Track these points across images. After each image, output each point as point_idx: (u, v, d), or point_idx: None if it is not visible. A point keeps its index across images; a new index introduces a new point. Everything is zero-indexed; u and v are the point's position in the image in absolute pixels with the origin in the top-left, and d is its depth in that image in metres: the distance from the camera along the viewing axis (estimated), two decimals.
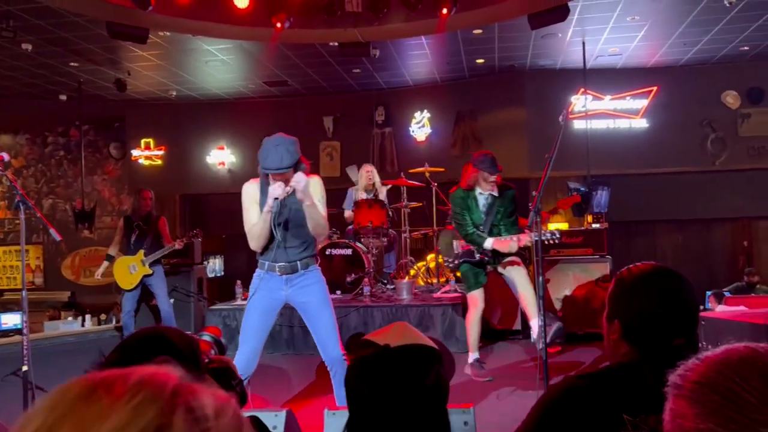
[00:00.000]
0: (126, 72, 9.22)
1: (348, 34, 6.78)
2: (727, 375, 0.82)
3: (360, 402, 1.32)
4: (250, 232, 3.47)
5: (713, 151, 9.77)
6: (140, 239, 6.42)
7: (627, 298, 1.50)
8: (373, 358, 1.33)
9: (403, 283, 6.17)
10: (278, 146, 3.30)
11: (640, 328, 1.46)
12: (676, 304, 1.46)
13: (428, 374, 1.31)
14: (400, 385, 1.29)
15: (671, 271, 1.53)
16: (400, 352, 1.32)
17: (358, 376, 1.32)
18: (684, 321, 1.45)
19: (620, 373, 1.43)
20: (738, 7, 7.37)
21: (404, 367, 1.31)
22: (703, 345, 3.40)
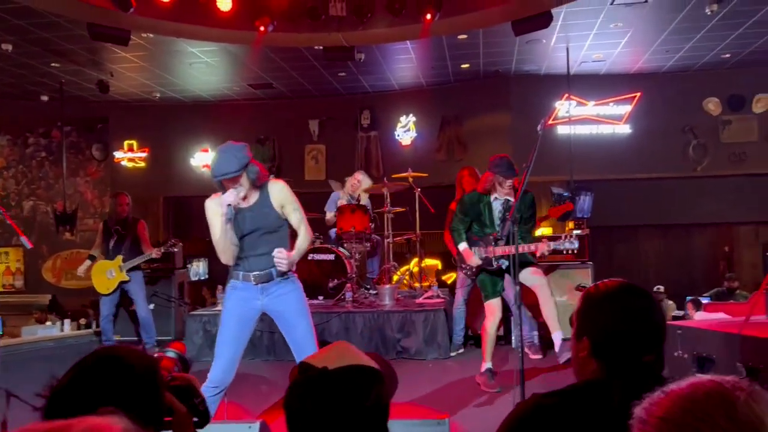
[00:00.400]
0: (109, 73, 9.13)
1: (332, 38, 6.78)
2: (693, 412, 0.81)
3: (299, 426, 1.31)
4: (217, 247, 3.42)
5: (695, 157, 9.86)
6: (118, 244, 6.35)
7: (595, 315, 1.50)
8: (311, 382, 1.31)
9: (386, 288, 6.16)
10: (224, 152, 3.29)
11: (609, 345, 1.46)
12: (644, 321, 1.46)
13: (368, 396, 1.30)
14: (338, 407, 1.28)
15: (639, 288, 1.53)
16: (339, 375, 1.31)
17: (296, 400, 1.31)
18: (651, 338, 1.45)
19: (588, 391, 1.43)
20: (718, 16, 7.45)
21: (342, 390, 1.30)
22: (680, 354, 3.43)
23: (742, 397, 0.82)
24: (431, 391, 4.58)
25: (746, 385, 0.86)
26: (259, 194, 3.43)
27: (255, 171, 3.38)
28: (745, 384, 0.86)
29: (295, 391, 1.33)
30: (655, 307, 1.50)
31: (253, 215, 3.40)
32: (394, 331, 5.73)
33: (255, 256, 3.42)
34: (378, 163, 10.70)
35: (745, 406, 0.81)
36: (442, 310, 5.87)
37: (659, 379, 1.40)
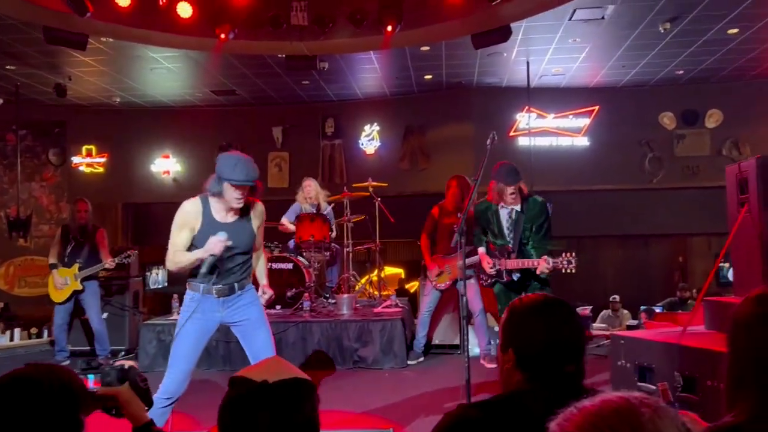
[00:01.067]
0: (67, 77, 8.96)
1: (294, 47, 6.77)
2: (601, 428, 0.84)
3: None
4: (173, 260, 3.34)
5: (651, 170, 10.13)
6: (76, 251, 6.20)
7: (519, 328, 1.55)
8: (252, 395, 1.32)
9: (344, 297, 6.15)
10: (243, 160, 3.22)
11: (532, 356, 1.50)
12: (565, 332, 1.52)
13: (308, 406, 1.33)
14: (280, 420, 1.29)
15: (560, 300, 1.59)
16: (280, 387, 1.33)
17: (234, 414, 1.31)
18: (572, 348, 1.50)
19: (512, 401, 1.46)
20: (671, 34, 7.70)
21: (284, 402, 1.32)
22: (623, 363, 3.51)
23: (647, 413, 0.87)
24: (386, 401, 4.59)
25: (653, 401, 0.91)
26: (241, 212, 3.38)
27: (257, 191, 3.36)
28: (651, 401, 0.91)
29: (234, 404, 1.33)
30: (574, 319, 1.55)
31: (233, 231, 3.32)
32: (351, 341, 5.73)
33: (223, 272, 3.36)
34: (342, 172, 10.71)
35: (649, 422, 0.86)
36: (399, 319, 5.88)
37: (580, 389, 1.44)
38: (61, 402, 1.31)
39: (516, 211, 4.46)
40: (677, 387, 2.78)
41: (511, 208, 4.47)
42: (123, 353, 6.61)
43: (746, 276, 3.28)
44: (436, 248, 5.85)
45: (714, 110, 9.99)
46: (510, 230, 4.47)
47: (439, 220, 5.88)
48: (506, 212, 4.50)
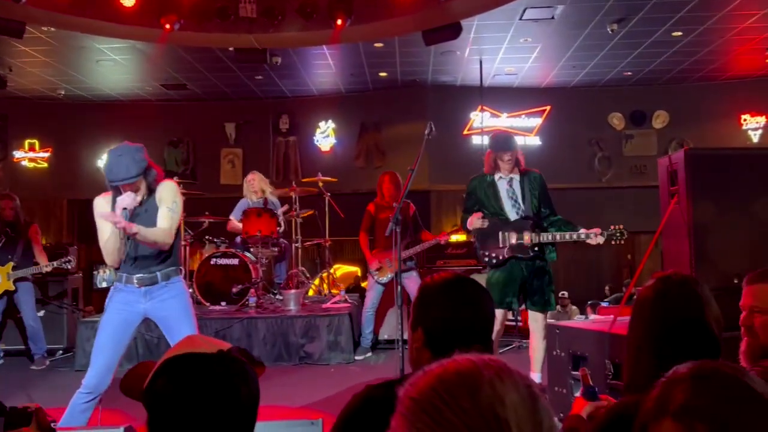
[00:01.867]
0: (7, 68, 8.64)
1: (243, 39, 6.65)
2: (440, 392, 0.77)
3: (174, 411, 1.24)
4: (105, 248, 3.27)
5: (600, 169, 10.33)
6: (8, 248, 5.94)
7: (428, 306, 1.53)
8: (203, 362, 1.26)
9: (291, 293, 6.08)
10: (121, 156, 3.17)
11: (439, 334, 1.48)
12: (471, 310, 1.51)
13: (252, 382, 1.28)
14: (225, 394, 1.24)
15: (469, 279, 1.58)
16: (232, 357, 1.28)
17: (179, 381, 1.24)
18: (478, 326, 1.49)
19: None
20: (620, 35, 7.86)
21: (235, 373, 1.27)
22: (558, 353, 3.55)
23: (488, 375, 0.79)
24: (328, 395, 4.55)
25: (498, 363, 0.82)
26: (151, 195, 3.32)
27: (153, 175, 3.29)
28: (496, 363, 0.82)
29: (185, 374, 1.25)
30: (484, 299, 1.54)
31: (143, 215, 3.29)
32: (297, 336, 5.66)
33: (139, 258, 3.29)
34: (297, 169, 10.61)
35: (488, 385, 0.77)
36: (346, 314, 5.84)
37: None
38: None
39: (516, 179, 4.21)
40: (608, 374, 2.82)
41: (510, 177, 4.20)
42: (61, 352, 6.38)
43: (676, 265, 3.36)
44: (375, 244, 5.97)
45: (660, 111, 10.25)
46: (514, 201, 4.15)
47: (375, 216, 6.03)
48: (505, 182, 4.20)
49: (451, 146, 9.82)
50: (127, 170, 3.13)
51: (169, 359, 1.31)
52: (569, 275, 11.23)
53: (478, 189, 4.28)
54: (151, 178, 3.27)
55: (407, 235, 5.77)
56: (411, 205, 6.16)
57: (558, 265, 11.18)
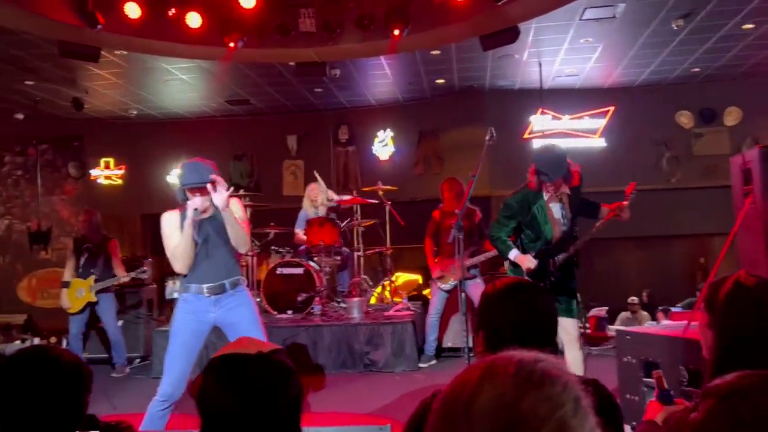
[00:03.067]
0: (84, 91, 9.13)
1: (303, 53, 6.81)
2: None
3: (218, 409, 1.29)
4: (174, 253, 3.44)
5: (668, 170, 9.98)
6: (90, 262, 6.28)
7: (487, 311, 1.56)
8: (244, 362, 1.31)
9: (354, 301, 6.14)
10: (197, 164, 3.40)
11: (496, 336, 1.53)
12: (526, 312, 1.54)
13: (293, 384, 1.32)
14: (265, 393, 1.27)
15: (528, 283, 1.59)
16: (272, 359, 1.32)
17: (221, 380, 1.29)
18: (535, 327, 1.50)
19: None
20: (686, 31, 7.59)
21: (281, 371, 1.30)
22: (629, 359, 3.44)
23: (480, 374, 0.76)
24: (394, 402, 4.57)
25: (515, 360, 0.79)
26: (214, 209, 3.47)
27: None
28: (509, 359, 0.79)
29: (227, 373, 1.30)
30: (539, 300, 1.55)
31: (209, 226, 3.44)
32: (362, 344, 5.71)
33: (208, 267, 3.42)
34: (356, 178, 10.73)
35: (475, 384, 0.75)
36: (410, 322, 5.85)
37: None
38: (75, 378, 1.40)
39: (568, 195, 3.96)
40: (683, 381, 2.72)
41: (561, 194, 3.93)
42: (138, 360, 6.67)
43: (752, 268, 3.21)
44: (440, 250, 5.92)
45: (732, 108, 9.81)
46: (565, 217, 3.91)
47: (440, 222, 6.01)
48: (557, 202, 3.92)
49: (511, 151, 9.70)
50: (201, 175, 3.33)
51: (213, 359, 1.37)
52: (638, 280, 10.88)
53: (522, 207, 3.95)
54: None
55: (472, 242, 5.74)
56: (477, 212, 6.11)
57: (626, 270, 10.92)
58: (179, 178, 3.45)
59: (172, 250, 3.44)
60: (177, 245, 3.40)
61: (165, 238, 3.49)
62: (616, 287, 10.48)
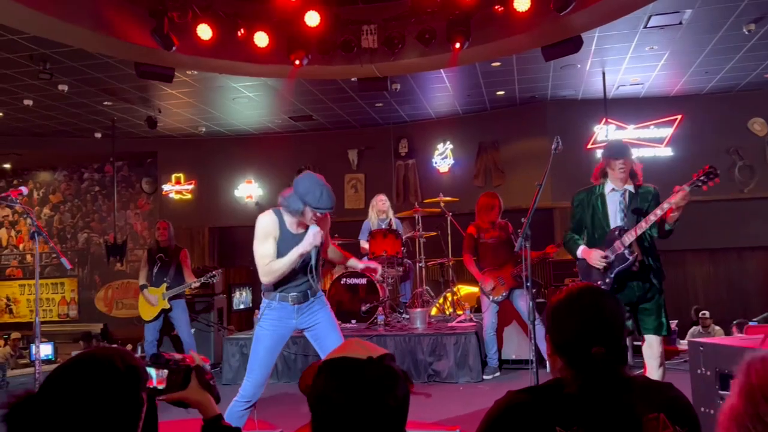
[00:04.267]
0: (157, 110, 9.59)
1: (365, 69, 6.96)
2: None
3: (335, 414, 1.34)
4: (269, 269, 3.46)
5: (741, 179, 9.60)
6: (162, 271, 6.59)
7: (554, 316, 1.61)
8: (362, 369, 1.35)
9: (417, 312, 6.19)
10: (325, 186, 3.39)
11: (563, 342, 1.56)
12: (593, 315, 1.55)
13: (401, 388, 1.35)
14: (373, 396, 1.32)
15: (594, 288, 1.61)
16: (382, 363, 1.36)
17: (339, 389, 1.34)
18: (603, 331, 1.53)
19: (555, 387, 1.49)
20: (758, 35, 7.34)
21: (388, 376, 1.35)
22: (703, 371, 3.35)
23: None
24: (459, 412, 4.57)
25: None
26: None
27: None
28: None
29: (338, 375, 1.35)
30: (608, 303, 1.57)
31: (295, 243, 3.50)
32: (425, 354, 5.74)
33: (295, 279, 3.55)
34: (416, 191, 10.81)
35: None
36: (473, 333, 5.85)
37: (615, 370, 1.45)
38: (129, 379, 1.41)
39: (630, 192, 3.82)
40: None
41: (624, 189, 3.81)
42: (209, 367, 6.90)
43: None
44: (482, 264, 6.06)
45: None
46: (624, 212, 3.77)
47: (478, 238, 6.10)
48: (618, 195, 3.82)
49: (574, 161, 9.56)
50: (331, 200, 3.38)
51: (326, 361, 1.43)
52: (709, 294, 10.48)
53: (583, 204, 3.94)
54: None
55: (513, 253, 5.77)
56: (509, 224, 6.21)
57: (698, 283, 10.54)
58: (308, 195, 3.32)
59: (266, 263, 3.46)
60: (274, 264, 3.44)
61: (256, 241, 3.51)
62: (685, 300, 10.12)
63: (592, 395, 1.44)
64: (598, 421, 1.41)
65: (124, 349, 1.52)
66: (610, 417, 1.42)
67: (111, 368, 1.41)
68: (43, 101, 8.96)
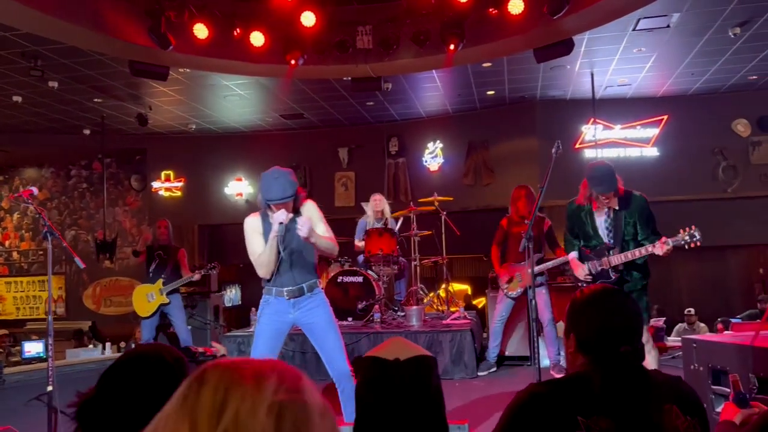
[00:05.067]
0: (147, 107, 9.56)
1: (359, 69, 7.02)
2: None
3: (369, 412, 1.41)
4: (258, 261, 3.65)
5: (725, 179, 9.81)
6: (159, 268, 6.62)
7: (578, 315, 1.70)
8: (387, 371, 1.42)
9: (413, 309, 6.28)
10: (278, 178, 3.52)
11: (589, 339, 1.65)
12: (619, 316, 1.66)
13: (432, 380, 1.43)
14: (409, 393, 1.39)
15: (616, 289, 1.72)
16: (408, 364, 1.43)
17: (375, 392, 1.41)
18: (626, 331, 1.63)
19: (576, 381, 1.59)
20: (743, 38, 7.51)
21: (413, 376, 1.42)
22: (696, 367, 3.47)
23: None
24: (456, 407, 4.67)
25: None
26: (295, 214, 3.66)
27: (300, 197, 3.66)
28: None
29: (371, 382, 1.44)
30: (628, 304, 1.67)
31: (289, 234, 3.61)
32: None
33: (288, 272, 3.63)
34: (406, 189, 10.89)
35: None
36: (468, 330, 5.95)
37: (637, 368, 1.56)
38: (179, 371, 1.50)
39: (614, 210, 4.09)
40: (753, 389, 2.75)
41: (608, 209, 4.12)
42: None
43: None
44: (507, 257, 6.02)
45: None
46: (609, 230, 4.10)
47: (508, 230, 6.04)
48: (603, 213, 4.13)
49: (562, 161, 9.58)
50: (284, 190, 3.49)
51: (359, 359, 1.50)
52: (694, 292, 10.70)
53: (576, 215, 4.24)
54: (299, 199, 3.62)
55: (539, 250, 5.78)
56: (546, 220, 6.15)
57: (682, 282, 10.75)
58: (261, 191, 3.58)
59: (255, 257, 3.65)
60: (261, 254, 3.61)
61: (247, 243, 3.69)
62: (670, 298, 10.33)
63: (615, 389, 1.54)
64: (619, 412, 1.51)
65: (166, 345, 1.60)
66: (631, 408, 1.52)
67: (162, 362, 1.49)
68: (33, 98, 8.90)
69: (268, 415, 0.78)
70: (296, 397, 0.82)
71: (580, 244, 4.23)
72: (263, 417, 0.77)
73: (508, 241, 6.03)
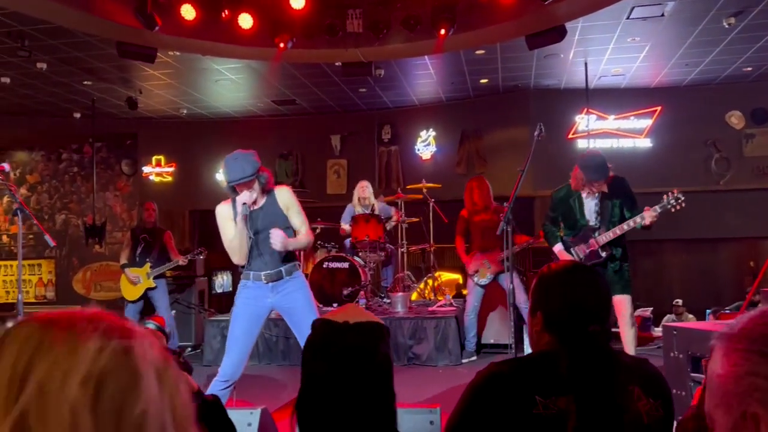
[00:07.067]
0: (138, 90, 9.47)
1: (349, 54, 6.95)
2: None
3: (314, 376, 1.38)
4: (230, 247, 3.63)
5: (718, 171, 9.78)
6: (146, 251, 6.58)
7: (546, 292, 1.63)
8: (334, 333, 1.39)
9: (398, 296, 6.25)
10: (237, 159, 3.51)
11: (558, 318, 1.58)
12: (589, 294, 1.60)
13: (380, 347, 1.39)
14: (354, 358, 1.35)
15: (585, 266, 1.65)
16: (360, 326, 1.39)
17: (319, 351, 1.38)
18: (596, 310, 1.56)
19: (539, 360, 1.54)
20: (738, 29, 7.45)
21: (364, 340, 1.38)
22: (675, 354, 3.45)
23: None
24: (440, 394, 4.65)
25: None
26: (267, 198, 3.66)
27: (265, 177, 3.62)
28: None
29: (319, 343, 1.40)
30: (599, 283, 1.61)
31: (263, 216, 3.61)
32: (405, 338, 5.82)
33: (265, 255, 3.59)
34: (398, 177, 10.84)
35: None
36: (453, 317, 5.93)
37: (604, 349, 1.51)
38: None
39: (603, 194, 4.32)
40: None
41: (599, 193, 4.32)
42: (189, 349, 6.92)
43: None
44: (471, 247, 6.15)
45: None
46: (597, 213, 4.30)
47: (469, 219, 6.19)
48: (592, 200, 4.34)
49: (556, 151, 9.66)
50: (243, 170, 3.46)
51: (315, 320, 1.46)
52: (684, 283, 10.70)
53: (564, 202, 4.42)
54: (264, 179, 3.59)
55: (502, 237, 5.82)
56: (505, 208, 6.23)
57: (672, 273, 10.74)
58: (224, 175, 3.58)
59: (228, 243, 3.63)
60: (231, 239, 3.58)
61: (221, 231, 3.68)
62: (660, 289, 10.32)
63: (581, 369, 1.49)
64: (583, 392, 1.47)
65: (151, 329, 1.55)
66: (595, 389, 1.48)
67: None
68: (21, 79, 8.80)
69: (83, 387, 0.63)
70: (122, 361, 0.66)
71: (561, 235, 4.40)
72: (76, 390, 0.62)
73: (470, 230, 6.17)
